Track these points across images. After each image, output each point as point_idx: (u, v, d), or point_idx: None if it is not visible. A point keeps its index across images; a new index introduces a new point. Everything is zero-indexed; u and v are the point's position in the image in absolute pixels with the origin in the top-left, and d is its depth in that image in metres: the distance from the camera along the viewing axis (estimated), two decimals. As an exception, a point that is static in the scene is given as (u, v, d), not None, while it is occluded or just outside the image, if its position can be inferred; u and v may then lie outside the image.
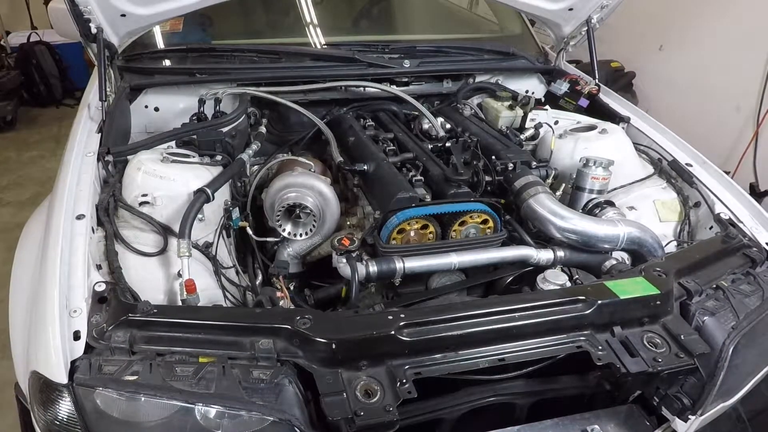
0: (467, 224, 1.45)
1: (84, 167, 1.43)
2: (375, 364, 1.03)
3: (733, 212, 1.56)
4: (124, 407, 0.98)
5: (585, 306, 1.15)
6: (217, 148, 1.61)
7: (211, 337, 1.04)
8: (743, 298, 1.28)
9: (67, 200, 1.30)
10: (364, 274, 1.31)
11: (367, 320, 1.09)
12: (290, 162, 1.71)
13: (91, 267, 1.16)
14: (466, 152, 1.71)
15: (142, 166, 1.42)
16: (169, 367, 0.99)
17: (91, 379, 0.97)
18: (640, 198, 1.71)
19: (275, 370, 1.00)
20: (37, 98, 5.42)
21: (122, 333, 1.02)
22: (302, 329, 1.02)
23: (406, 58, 2.04)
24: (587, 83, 2.14)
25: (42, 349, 1.00)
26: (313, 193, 1.51)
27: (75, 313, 1.06)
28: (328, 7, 2.45)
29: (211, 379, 0.97)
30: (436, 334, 1.06)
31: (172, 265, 1.30)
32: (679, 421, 1.21)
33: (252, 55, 1.96)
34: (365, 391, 0.99)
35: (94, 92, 1.76)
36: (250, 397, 0.96)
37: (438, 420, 1.18)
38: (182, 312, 1.13)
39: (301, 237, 1.54)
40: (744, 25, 3.42)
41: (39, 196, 3.85)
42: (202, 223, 1.41)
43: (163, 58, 1.99)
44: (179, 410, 0.97)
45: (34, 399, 1.02)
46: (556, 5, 2.04)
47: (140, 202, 1.38)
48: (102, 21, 1.65)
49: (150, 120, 1.89)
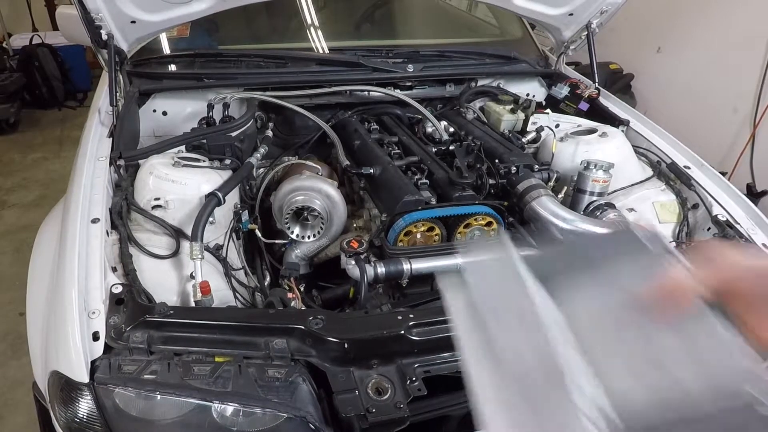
0: (472, 226, 1.48)
1: (97, 172, 1.47)
2: (386, 362, 1.06)
3: (730, 214, 1.59)
4: (143, 405, 1.01)
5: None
6: (226, 152, 1.64)
7: (226, 338, 1.07)
8: (741, 298, 1.32)
9: (82, 204, 1.33)
10: (372, 275, 1.34)
11: (377, 320, 1.12)
12: (298, 165, 1.74)
13: (107, 269, 1.20)
14: (470, 155, 1.74)
15: (154, 170, 1.45)
16: (187, 367, 1.02)
17: (111, 378, 1.00)
18: (640, 200, 1.75)
19: (289, 368, 1.03)
20: (40, 100, 5.44)
21: (140, 334, 1.05)
22: (315, 329, 1.05)
23: (410, 63, 2.07)
24: (587, 87, 2.18)
25: (62, 349, 1.03)
26: (321, 196, 1.54)
27: (94, 315, 1.09)
28: (332, 13, 2.49)
29: (228, 378, 1.00)
30: (445, 333, 1.09)
31: (185, 267, 1.33)
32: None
33: (258, 60, 1.99)
34: (376, 389, 1.02)
35: (104, 97, 1.80)
36: (266, 395, 0.99)
37: (446, 416, 1.21)
38: (198, 313, 1.16)
39: (309, 239, 1.58)
40: (741, 27, 3.45)
41: (44, 198, 3.87)
42: (212, 226, 1.44)
43: (171, 63, 2.02)
44: (196, 408, 1.00)
45: (55, 398, 1.04)
46: (556, 10, 2.07)
47: (153, 205, 1.41)
48: (112, 27, 1.69)
49: (158, 124, 1.92)
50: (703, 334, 0.55)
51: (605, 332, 0.58)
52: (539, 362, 0.54)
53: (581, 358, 0.55)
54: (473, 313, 0.62)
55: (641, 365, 0.55)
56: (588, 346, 0.56)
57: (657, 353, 0.55)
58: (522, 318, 0.58)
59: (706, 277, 0.56)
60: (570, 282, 0.61)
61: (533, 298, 0.58)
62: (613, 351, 0.56)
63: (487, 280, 0.65)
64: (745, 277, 0.56)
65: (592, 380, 0.53)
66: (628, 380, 0.53)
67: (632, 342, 0.56)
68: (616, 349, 0.57)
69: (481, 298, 0.62)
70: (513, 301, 0.60)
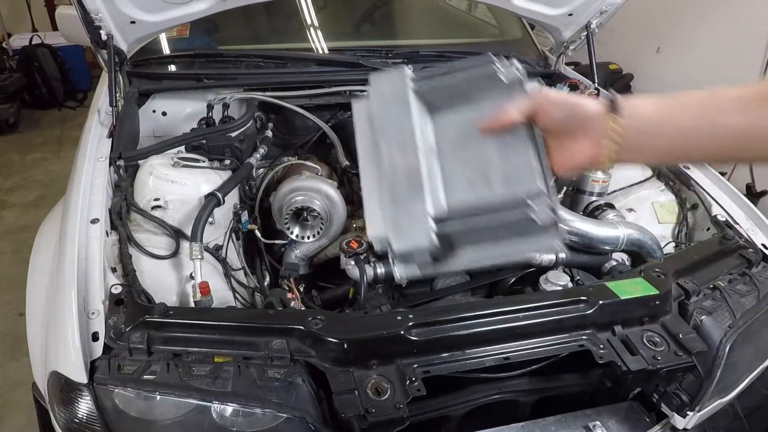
0: (471, 227, 1.48)
1: (96, 172, 1.47)
2: (385, 363, 1.06)
3: (729, 214, 1.59)
4: (143, 406, 1.01)
5: (587, 306, 1.18)
6: (226, 152, 1.64)
7: (226, 338, 1.07)
8: (739, 298, 1.32)
9: (82, 205, 1.33)
10: (372, 275, 1.34)
11: (377, 321, 1.12)
12: (298, 166, 1.74)
13: (106, 270, 1.20)
14: (469, 156, 1.74)
15: (154, 171, 1.45)
16: (187, 367, 1.02)
17: (110, 378, 1.00)
18: (639, 200, 1.75)
19: (289, 369, 1.03)
20: (39, 100, 5.44)
21: (140, 334, 1.05)
22: (315, 330, 1.05)
23: (409, 63, 2.06)
24: (587, 87, 2.18)
25: (62, 350, 1.04)
26: (321, 197, 1.54)
27: (93, 315, 1.09)
28: (331, 13, 2.48)
29: (227, 378, 1.01)
30: (444, 333, 1.10)
31: (184, 267, 1.33)
32: (677, 417, 1.24)
33: (258, 60, 1.99)
34: (376, 389, 1.02)
35: (103, 97, 1.79)
36: (266, 395, 1.00)
37: (445, 417, 1.21)
38: (197, 313, 1.16)
39: (308, 239, 1.58)
40: (740, 26, 3.46)
41: (43, 198, 3.87)
42: (212, 227, 1.44)
43: (171, 63, 2.02)
44: (195, 408, 1.00)
45: (54, 398, 1.05)
46: (555, 11, 2.07)
47: (152, 206, 1.41)
48: (112, 28, 1.69)
49: (158, 124, 1.91)
50: (517, 152, 0.74)
51: (457, 146, 0.78)
52: (408, 175, 0.76)
53: (438, 167, 0.78)
54: (370, 127, 0.80)
55: (472, 172, 0.76)
56: (444, 156, 0.78)
57: (484, 164, 0.76)
58: (402, 140, 0.77)
59: (527, 106, 0.72)
60: (444, 105, 0.79)
61: (414, 123, 0.77)
62: (459, 159, 0.78)
63: (383, 98, 0.80)
64: (548, 107, 0.71)
65: (440, 183, 0.77)
66: (463, 183, 0.77)
67: (471, 153, 0.77)
68: (461, 157, 0.78)
69: (376, 113, 0.80)
70: (398, 122, 0.78)
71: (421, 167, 0.75)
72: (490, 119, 0.74)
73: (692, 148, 0.71)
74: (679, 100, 0.72)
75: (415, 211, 0.74)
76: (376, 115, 0.79)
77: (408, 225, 0.74)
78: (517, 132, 0.74)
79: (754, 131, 0.67)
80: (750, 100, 0.67)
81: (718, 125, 0.68)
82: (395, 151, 0.77)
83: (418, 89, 0.80)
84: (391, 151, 0.77)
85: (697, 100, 0.71)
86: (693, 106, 0.70)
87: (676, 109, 0.71)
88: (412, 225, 0.74)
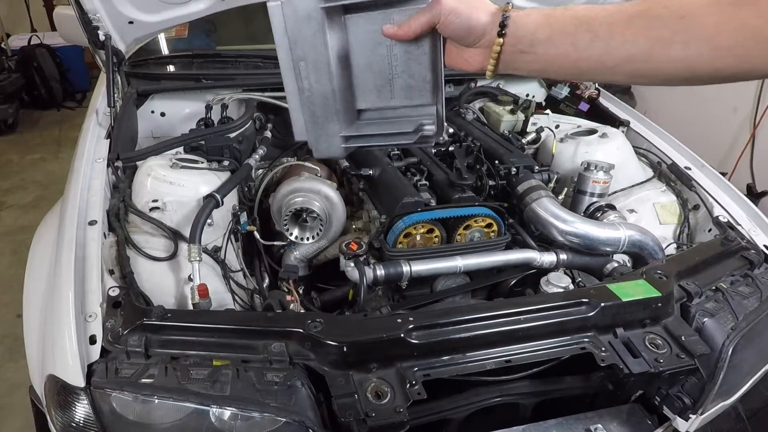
0: (472, 228, 1.47)
1: (94, 173, 1.46)
2: (385, 366, 1.05)
3: (731, 215, 1.59)
4: (140, 409, 1.00)
5: (588, 308, 1.17)
6: (224, 153, 1.63)
7: (224, 341, 1.06)
8: (742, 300, 1.31)
9: (80, 206, 1.32)
10: (372, 277, 1.33)
11: (376, 323, 1.11)
12: (297, 167, 1.73)
13: (104, 272, 1.19)
14: (470, 156, 1.73)
15: (152, 172, 1.44)
16: (185, 371, 1.01)
17: (107, 382, 0.99)
18: (640, 201, 1.74)
19: (288, 372, 1.02)
20: (38, 101, 5.44)
21: (137, 337, 1.04)
22: (314, 332, 1.04)
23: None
24: (587, 87, 2.17)
25: (59, 353, 1.02)
26: (320, 198, 1.53)
27: (90, 318, 1.08)
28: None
29: (226, 382, 1.00)
30: (444, 336, 1.09)
31: (183, 269, 1.32)
32: (680, 420, 1.23)
33: (257, 60, 1.99)
34: (376, 393, 1.01)
35: (101, 98, 1.79)
36: (264, 399, 0.98)
37: (445, 420, 1.20)
38: (195, 316, 1.15)
39: (307, 241, 1.57)
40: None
41: (42, 199, 3.86)
42: (211, 228, 1.43)
43: (169, 63, 2.02)
44: (194, 412, 0.99)
45: (51, 402, 1.03)
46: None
47: (150, 207, 1.40)
48: (110, 28, 1.68)
49: (156, 125, 1.91)
50: (419, 63, 0.82)
51: (367, 49, 0.84)
52: (323, 99, 0.87)
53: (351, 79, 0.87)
54: (287, 42, 0.84)
55: (381, 81, 0.86)
56: (355, 58, 0.86)
57: (390, 73, 0.85)
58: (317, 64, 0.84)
59: (429, 18, 0.77)
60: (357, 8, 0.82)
61: (327, 44, 0.82)
62: (369, 67, 0.86)
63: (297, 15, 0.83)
64: (449, 17, 0.76)
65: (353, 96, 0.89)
66: (372, 91, 0.88)
67: (380, 59, 0.84)
68: (371, 64, 0.85)
69: (292, 31, 0.83)
70: (313, 43, 0.83)
71: (335, 92, 0.85)
72: (395, 29, 0.80)
73: (558, 71, 0.78)
74: (559, 18, 0.74)
75: (330, 131, 0.90)
76: (291, 33, 0.84)
77: (325, 141, 0.91)
78: (421, 43, 0.81)
79: (605, 58, 0.71)
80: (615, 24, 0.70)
81: (581, 50, 0.72)
82: (311, 73, 0.85)
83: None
84: (308, 72, 0.85)
85: (571, 19, 0.73)
86: (567, 25, 0.73)
87: (555, 27, 0.74)
88: (328, 141, 0.91)
